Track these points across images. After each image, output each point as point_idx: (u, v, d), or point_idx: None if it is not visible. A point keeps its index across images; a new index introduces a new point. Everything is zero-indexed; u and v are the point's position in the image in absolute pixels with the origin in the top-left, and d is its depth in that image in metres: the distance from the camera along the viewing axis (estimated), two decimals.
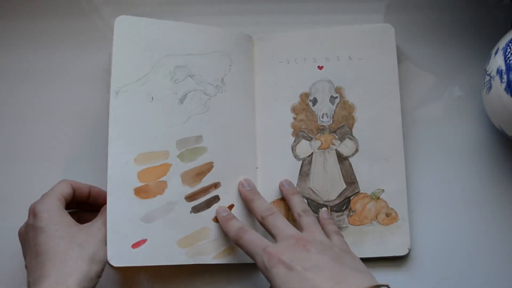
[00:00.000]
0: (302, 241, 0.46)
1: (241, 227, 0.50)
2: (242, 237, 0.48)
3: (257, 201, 0.52)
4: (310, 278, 0.43)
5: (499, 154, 0.57)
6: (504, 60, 0.49)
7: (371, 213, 0.55)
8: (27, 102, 0.59)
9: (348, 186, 0.55)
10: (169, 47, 0.54)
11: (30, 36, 0.61)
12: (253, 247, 0.47)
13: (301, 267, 0.44)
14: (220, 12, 0.62)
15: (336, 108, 0.57)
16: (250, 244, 0.48)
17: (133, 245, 0.50)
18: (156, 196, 0.52)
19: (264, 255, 0.46)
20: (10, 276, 0.54)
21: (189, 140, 0.54)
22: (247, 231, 0.49)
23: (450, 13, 0.61)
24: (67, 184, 0.50)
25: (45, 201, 0.48)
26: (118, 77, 0.52)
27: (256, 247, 0.47)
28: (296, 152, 0.56)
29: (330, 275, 0.43)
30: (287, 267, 0.44)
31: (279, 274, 0.44)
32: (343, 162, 0.56)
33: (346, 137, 0.56)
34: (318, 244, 0.46)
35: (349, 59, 0.57)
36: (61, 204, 0.48)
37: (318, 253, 0.45)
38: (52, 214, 0.47)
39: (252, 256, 0.47)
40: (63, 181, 0.51)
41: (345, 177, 0.55)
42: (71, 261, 0.45)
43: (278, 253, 0.45)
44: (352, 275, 0.43)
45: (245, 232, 0.49)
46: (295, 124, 0.57)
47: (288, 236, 0.47)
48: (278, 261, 0.45)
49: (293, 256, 0.45)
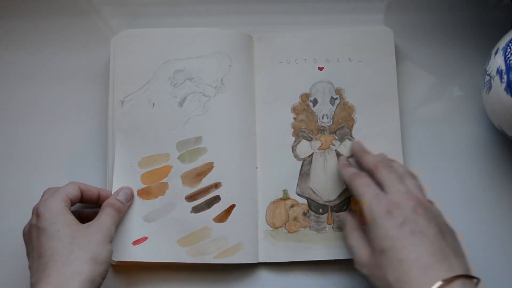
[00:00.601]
0: (413, 198, 0.45)
1: (357, 172, 0.50)
2: (355, 179, 0.49)
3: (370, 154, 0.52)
4: (415, 244, 0.42)
5: (499, 154, 0.57)
6: (504, 60, 0.49)
7: None
8: (26, 102, 0.59)
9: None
10: (168, 53, 0.57)
11: (30, 36, 0.61)
12: (364, 190, 0.47)
13: (410, 229, 0.43)
14: (220, 12, 0.62)
15: (336, 109, 0.57)
16: (362, 186, 0.47)
17: (134, 242, 0.53)
18: (158, 197, 0.54)
19: (373, 201, 0.45)
20: (11, 276, 0.54)
21: (189, 141, 0.55)
22: (362, 176, 0.49)
23: (450, 13, 0.60)
24: (74, 186, 0.50)
25: (48, 202, 0.48)
26: (122, 88, 0.56)
27: (368, 191, 0.47)
28: (296, 152, 0.56)
29: (433, 250, 0.42)
30: (396, 222, 0.43)
31: (385, 226, 0.44)
32: None
33: (346, 138, 0.56)
34: (427, 209, 0.45)
35: (349, 61, 0.58)
36: (66, 205, 0.48)
37: (426, 220, 0.44)
38: (54, 215, 0.47)
39: (361, 198, 0.47)
40: (71, 183, 0.51)
41: None
42: (73, 262, 0.44)
43: (389, 204, 0.44)
44: (451, 257, 0.42)
45: (360, 176, 0.49)
46: (296, 124, 0.57)
47: (401, 190, 0.46)
48: (388, 212, 0.44)
49: (404, 213, 0.44)
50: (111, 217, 0.49)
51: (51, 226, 0.46)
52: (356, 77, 0.57)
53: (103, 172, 0.56)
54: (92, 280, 0.44)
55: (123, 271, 0.54)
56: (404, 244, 0.43)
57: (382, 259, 0.43)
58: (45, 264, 0.44)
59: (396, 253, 0.43)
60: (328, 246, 0.54)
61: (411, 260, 0.42)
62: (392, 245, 0.43)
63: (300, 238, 0.54)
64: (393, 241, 0.43)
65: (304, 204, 0.55)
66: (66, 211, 0.48)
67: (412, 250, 0.42)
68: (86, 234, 0.47)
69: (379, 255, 0.44)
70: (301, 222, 0.55)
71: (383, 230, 0.44)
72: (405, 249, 0.42)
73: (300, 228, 0.54)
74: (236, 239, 0.53)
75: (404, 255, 0.42)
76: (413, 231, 0.43)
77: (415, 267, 0.42)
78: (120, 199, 0.52)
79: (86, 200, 0.51)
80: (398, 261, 0.42)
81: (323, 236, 0.54)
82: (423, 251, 0.42)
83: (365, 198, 0.47)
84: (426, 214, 0.44)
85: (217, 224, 0.53)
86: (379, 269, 0.44)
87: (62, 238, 0.46)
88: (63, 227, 0.46)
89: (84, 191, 0.51)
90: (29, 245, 0.48)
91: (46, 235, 0.46)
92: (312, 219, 0.55)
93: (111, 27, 0.61)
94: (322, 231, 0.54)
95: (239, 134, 0.56)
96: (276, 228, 0.54)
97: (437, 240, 0.43)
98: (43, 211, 0.47)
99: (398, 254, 0.42)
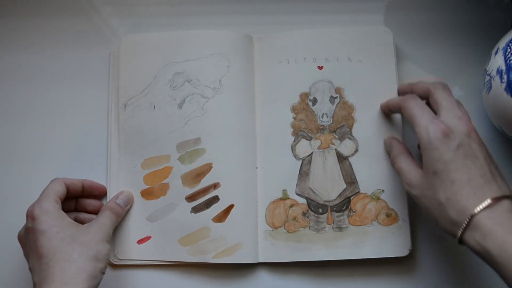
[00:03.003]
0: (467, 123, 0.46)
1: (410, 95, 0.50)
2: (409, 100, 0.49)
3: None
4: (468, 166, 0.44)
5: (499, 154, 0.57)
6: (504, 60, 0.49)
7: (371, 214, 0.54)
8: (26, 102, 0.59)
9: (348, 186, 0.55)
10: (168, 56, 0.57)
11: (30, 36, 0.61)
12: (420, 113, 0.47)
13: (464, 153, 0.44)
14: (220, 12, 0.62)
15: (336, 108, 0.57)
16: (417, 108, 0.48)
17: (139, 241, 0.54)
18: (159, 197, 0.55)
19: (431, 125, 0.46)
20: (11, 275, 0.55)
21: (188, 142, 0.55)
22: (416, 98, 0.49)
23: (450, 13, 0.60)
24: (60, 183, 0.51)
25: (42, 204, 0.48)
26: (125, 91, 0.57)
27: (424, 115, 0.47)
28: (296, 152, 0.56)
29: (483, 172, 0.44)
30: (452, 145, 0.44)
31: (440, 149, 0.44)
32: (343, 162, 0.56)
33: (346, 137, 0.56)
34: (478, 134, 0.46)
35: (348, 60, 0.57)
36: (58, 205, 0.49)
37: (477, 144, 0.45)
38: (51, 217, 0.48)
39: (416, 120, 0.47)
40: (55, 180, 0.51)
41: (345, 177, 0.55)
42: (76, 261, 0.45)
43: (446, 128, 0.45)
44: (498, 179, 0.44)
45: (414, 98, 0.49)
46: (295, 124, 0.57)
47: (457, 115, 0.46)
48: (444, 136, 0.45)
49: (459, 137, 0.45)
50: (110, 219, 0.51)
51: (50, 228, 0.47)
52: (356, 76, 0.57)
53: (103, 172, 0.56)
54: (94, 276, 0.46)
55: (123, 271, 0.54)
56: (457, 166, 0.44)
57: (434, 180, 0.45)
58: (48, 263, 0.45)
59: (449, 174, 0.44)
60: (328, 246, 0.53)
61: (463, 180, 0.43)
62: (446, 167, 0.44)
63: (300, 238, 0.54)
64: (447, 164, 0.44)
65: (304, 204, 0.55)
66: (60, 211, 0.49)
67: (465, 171, 0.44)
68: (86, 233, 0.48)
69: (432, 176, 0.45)
70: (301, 222, 0.54)
71: (438, 153, 0.45)
72: (458, 170, 0.44)
73: (299, 228, 0.54)
74: (235, 239, 0.53)
75: (457, 176, 0.44)
76: (467, 154, 0.44)
77: (466, 186, 0.43)
78: (119, 203, 0.53)
79: (72, 193, 0.52)
80: (450, 181, 0.44)
81: (323, 236, 0.54)
82: (475, 173, 0.44)
83: (421, 121, 0.47)
84: (478, 139, 0.46)
85: (216, 224, 0.53)
86: (430, 189, 0.45)
87: (63, 239, 0.46)
88: (62, 229, 0.47)
89: (68, 185, 0.52)
90: (26, 247, 0.48)
91: (46, 236, 0.46)
92: (312, 219, 0.54)
93: (111, 27, 0.61)
94: (321, 231, 0.54)
95: (238, 134, 0.56)
96: (276, 228, 0.54)
97: (487, 163, 0.45)
98: (39, 214, 0.47)
99: (451, 175, 0.44)
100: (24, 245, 0.49)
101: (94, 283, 0.46)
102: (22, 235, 0.49)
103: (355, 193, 0.55)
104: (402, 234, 0.54)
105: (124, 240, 0.54)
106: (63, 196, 0.51)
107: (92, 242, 0.47)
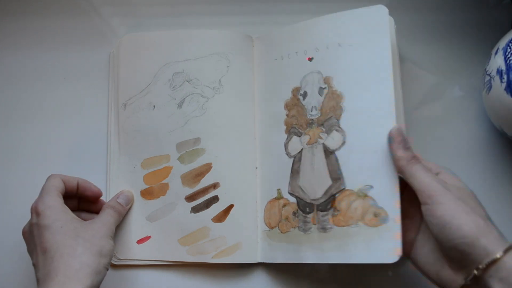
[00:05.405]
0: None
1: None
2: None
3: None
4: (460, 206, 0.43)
5: (499, 154, 0.57)
6: (504, 60, 0.49)
7: (357, 213, 0.48)
8: (26, 101, 0.59)
9: (334, 183, 0.49)
10: (168, 56, 0.57)
11: (30, 36, 0.61)
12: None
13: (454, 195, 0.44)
14: (221, 12, 0.62)
15: (324, 100, 0.52)
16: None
17: (138, 241, 0.54)
18: (159, 197, 0.55)
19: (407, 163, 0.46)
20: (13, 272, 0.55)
21: (187, 142, 0.55)
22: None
23: (450, 13, 0.60)
24: (57, 179, 0.51)
25: (45, 199, 0.48)
26: (125, 91, 0.57)
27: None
28: (288, 150, 0.54)
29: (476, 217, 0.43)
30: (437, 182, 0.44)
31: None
32: (329, 156, 0.50)
33: (333, 129, 0.51)
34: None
35: (338, 46, 0.52)
36: (60, 199, 0.49)
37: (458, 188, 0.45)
38: (55, 211, 0.48)
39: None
40: (53, 176, 0.51)
41: (331, 172, 0.50)
42: (80, 256, 0.45)
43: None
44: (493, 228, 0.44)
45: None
46: (287, 121, 0.55)
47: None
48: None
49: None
50: (112, 217, 0.51)
51: (55, 223, 0.47)
52: (346, 62, 0.52)
53: (103, 172, 0.56)
54: (98, 271, 0.46)
55: (123, 270, 0.54)
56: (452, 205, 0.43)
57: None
58: (52, 258, 0.45)
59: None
60: (313, 249, 0.49)
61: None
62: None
63: (291, 239, 0.51)
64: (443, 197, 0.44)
65: (294, 203, 0.52)
66: (64, 206, 0.49)
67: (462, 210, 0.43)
68: (90, 229, 0.48)
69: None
70: (291, 223, 0.52)
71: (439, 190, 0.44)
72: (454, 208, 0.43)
73: (290, 228, 0.52)
74: (235, 239, 0.53)
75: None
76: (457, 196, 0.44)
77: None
78: (120, 202, 0.53)
79: (67, 191, 0.52)
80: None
81: (309, 238, 0.50)
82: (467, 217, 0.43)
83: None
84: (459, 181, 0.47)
85: (216, 224, 0.53)
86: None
87: (66, 233, 0.46)
88: (66, 223, 0.47)
89: (65, 182, 0.52)
90: (31, 243, 0.48)
91: (50, 230, 0.46)
92: (300, 219, 0.51)
93: (111, 27, 0.61)
94: (308, 232, 0.50)
95: (237, 134, 0.56)
96: (272, 228, 0.53)
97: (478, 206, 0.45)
98: (43, 209, 0.47)
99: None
100: (28, 241, 0.49)
101: (98, 278, 0.46)
102: (27, 231, 0.49)
103: (340, 190, 0.49)
104: (392, 237, 0.46)
105: (124, 240, 0.54)
106: (63, 191, 0.51)
107: (96, 237, 0.47)
